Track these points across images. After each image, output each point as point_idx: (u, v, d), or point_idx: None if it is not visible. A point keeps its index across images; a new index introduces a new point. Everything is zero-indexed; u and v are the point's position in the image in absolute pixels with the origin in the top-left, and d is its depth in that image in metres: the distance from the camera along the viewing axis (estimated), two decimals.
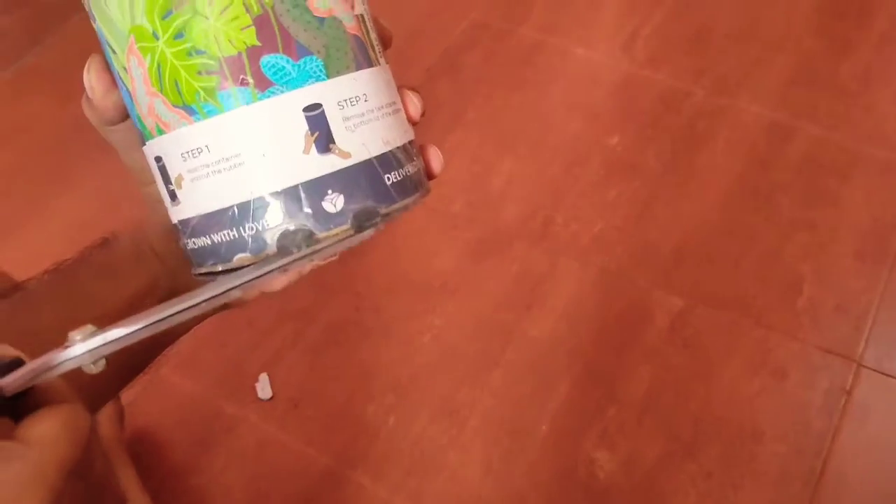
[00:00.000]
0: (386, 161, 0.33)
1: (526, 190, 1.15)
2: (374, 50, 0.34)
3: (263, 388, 0.98)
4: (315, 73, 0.32)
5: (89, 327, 0.28)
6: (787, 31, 1.31)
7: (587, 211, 1.12)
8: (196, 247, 0.33)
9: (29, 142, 1.31)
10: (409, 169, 0.34)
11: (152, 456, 0.94)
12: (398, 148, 0.33)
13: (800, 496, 0.88)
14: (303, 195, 0.31)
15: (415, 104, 0.36)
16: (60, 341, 0.28)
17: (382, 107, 0.33)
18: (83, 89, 0.36)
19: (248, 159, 0.31)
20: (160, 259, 0.40)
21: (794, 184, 1.12)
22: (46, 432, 0.24)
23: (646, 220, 1.11)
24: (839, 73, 1.24)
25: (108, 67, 0.34)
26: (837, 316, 1.00)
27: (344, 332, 1.03)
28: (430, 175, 0.38)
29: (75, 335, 0.28)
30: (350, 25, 0.33)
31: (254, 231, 0.32)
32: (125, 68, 0.33)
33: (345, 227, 0.32)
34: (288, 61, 0.31)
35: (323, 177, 0.31)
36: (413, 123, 0.36)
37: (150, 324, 0.29)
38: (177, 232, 0.34)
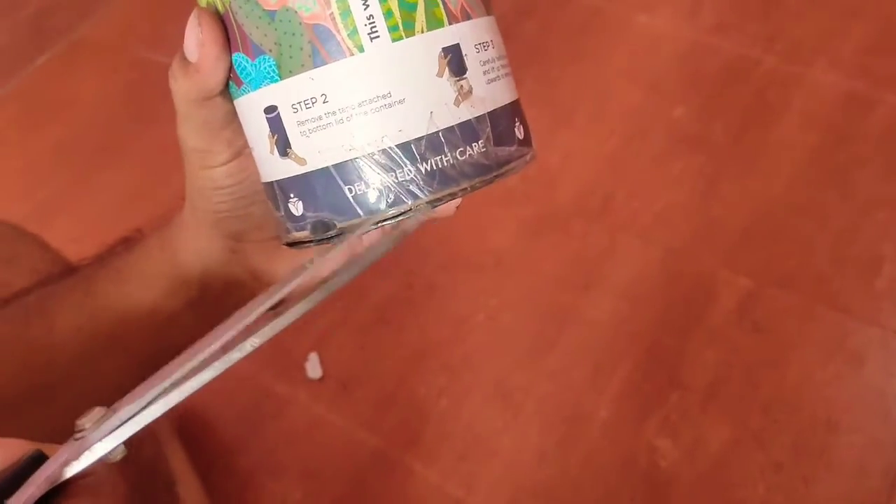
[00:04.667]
0: (349, 171, 0.29)
1: (584, 165, 1.10)
2: (357, 35, 0.28)
3: (313, 368, 0.96)
4: (269, 73, 0.29)
5: (97, 411, 0.25)
6: None
7: (649, 186, 1.07)
8: None
9: (79, 115, 1.30)
10: (392, 178, 0.29)
11: (201, 436, 0.93)
12: (377, 152, 0.29)
13: (877, 491, 0.83)
14: (277, 194, 0.31)
15: None
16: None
17: (353, 106, 0.28)
18: (177, 52, 0.31)
19: (250, 151, 0.33)
20: (195, 254, 0.37)
21: (874, 158, 1.05)
22: None
23: (712, 196, 1.05)
24: None
25: (218, 19, 0.31)
26: None
27: (395, 311, 1.00)
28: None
29: (84, 423, 0.25)
30: (310, 14, 0.28)
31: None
32: None
33: (305, 232, 0.30)
34: (247, 61, 0.30)
35: (285, 179, 0.30)
36: None
37: (160, 394, 0.25)
38: None
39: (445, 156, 0.29)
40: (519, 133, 0.32)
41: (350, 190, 0.29)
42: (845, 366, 0.90)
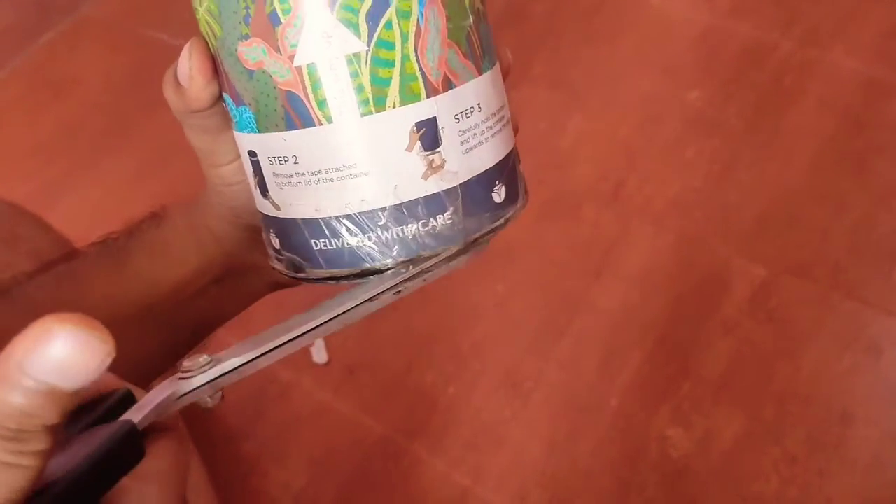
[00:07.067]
0: (315, 228, 0.30)
1: (597, 149, 1.08)
2: (326, 107, 0.28)
3: (319, 353, 0.95)
4: (250, 123, 0.30)
5: (203, 357, 0.28)
6: None
7: (663, 172, 1.05)
8: None
9: (83, 95, 1.29)
10: (353, 241, 0.30)
11: (205, 421, 0.92)
12: (340, 217, 0.30)
13: (893, 485, 0.81)
14: (263, 223, 0.32)
15: None
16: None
17: (320, 171, 0.29)
18: (166, 72, 0.33)
19: None
20: (217, 240, 0.38)
21: (893, 145, 1.03)
22: (165, 468, 0.25)
23: (727, 182, 1.03)
24: None
25: (209, 52, 0.32)
26: None
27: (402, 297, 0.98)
28: None
29: (189, 365, 0.28)
30: (283, 80, 0.29)
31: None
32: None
33: (282, 266, 0.32)
34: (233, 104, 0.31)
35: (266, 216, 0.32)
36: None
37: (267, 352, 0.28)
38: None
39: (407, 227, 0.29)
40: (497, 196, 0.31)
41: (315, 244, 0.30)
42: (862, 357, 0.88)
